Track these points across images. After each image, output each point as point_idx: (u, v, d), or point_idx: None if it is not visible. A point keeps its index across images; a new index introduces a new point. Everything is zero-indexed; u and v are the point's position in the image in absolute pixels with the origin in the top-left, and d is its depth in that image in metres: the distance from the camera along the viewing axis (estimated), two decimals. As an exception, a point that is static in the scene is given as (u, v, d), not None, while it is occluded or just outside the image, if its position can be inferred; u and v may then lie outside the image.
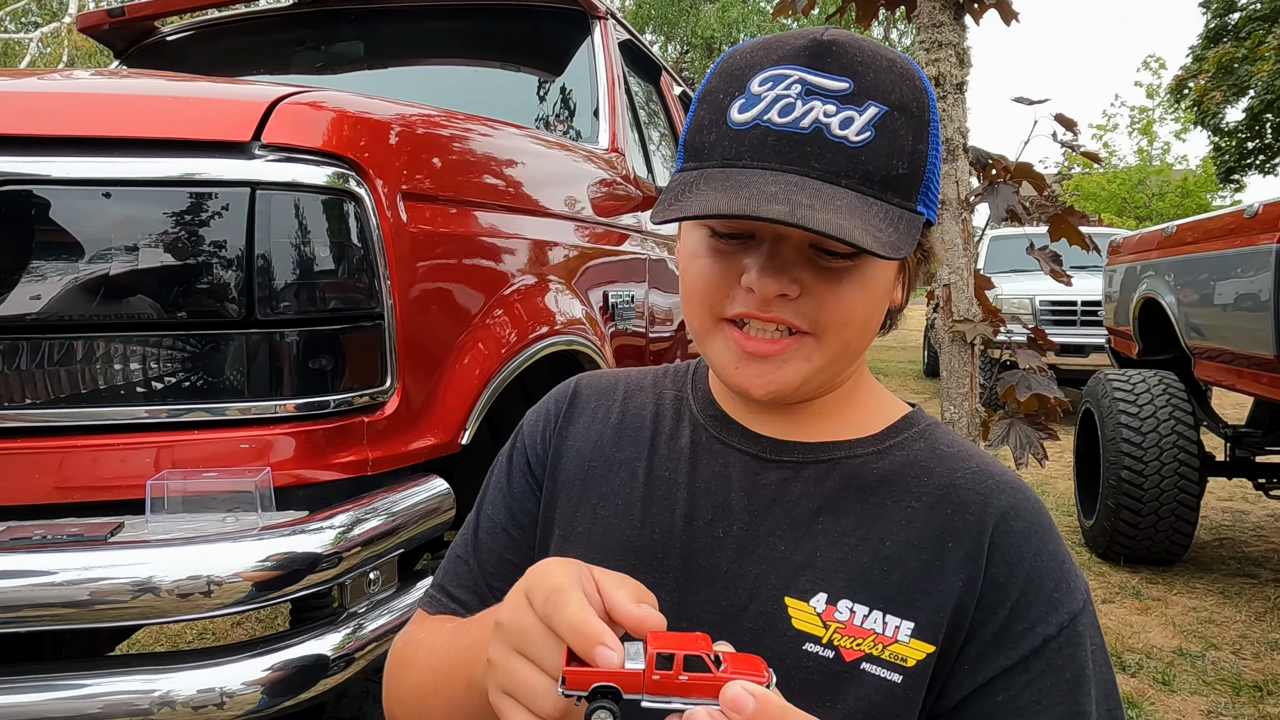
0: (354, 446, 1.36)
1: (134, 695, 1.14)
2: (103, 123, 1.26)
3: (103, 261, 1.22)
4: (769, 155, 0.66)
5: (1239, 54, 19.38)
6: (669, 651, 0.52)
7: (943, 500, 0.73)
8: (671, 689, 0.52)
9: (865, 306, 0.71)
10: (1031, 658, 0.68)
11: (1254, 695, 3.11)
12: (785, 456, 0.77)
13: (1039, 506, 0.74)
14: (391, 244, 1.40)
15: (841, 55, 0.67)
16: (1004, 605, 0.69)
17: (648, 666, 0.52)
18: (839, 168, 0.65)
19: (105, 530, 1.17)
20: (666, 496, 0.79)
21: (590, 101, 2.76)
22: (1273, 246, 3.53)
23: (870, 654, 0.69)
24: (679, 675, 0.52)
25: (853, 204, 0.64)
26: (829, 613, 0.70)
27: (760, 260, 0.68)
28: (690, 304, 0.75)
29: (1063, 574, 0.71)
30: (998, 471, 0.76)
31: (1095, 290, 7.29)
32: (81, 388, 1.23)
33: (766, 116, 0.66)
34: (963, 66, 2.10)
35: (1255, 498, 5.58)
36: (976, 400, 2.10)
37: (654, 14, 25.02)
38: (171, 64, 3.01)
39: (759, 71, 0.67)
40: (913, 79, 0.69)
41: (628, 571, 0.75)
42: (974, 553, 0.70)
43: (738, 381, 0.72)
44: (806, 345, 0.70)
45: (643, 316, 2.60)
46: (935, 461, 0.76)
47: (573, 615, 0.54)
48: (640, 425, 0.85)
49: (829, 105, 0.65)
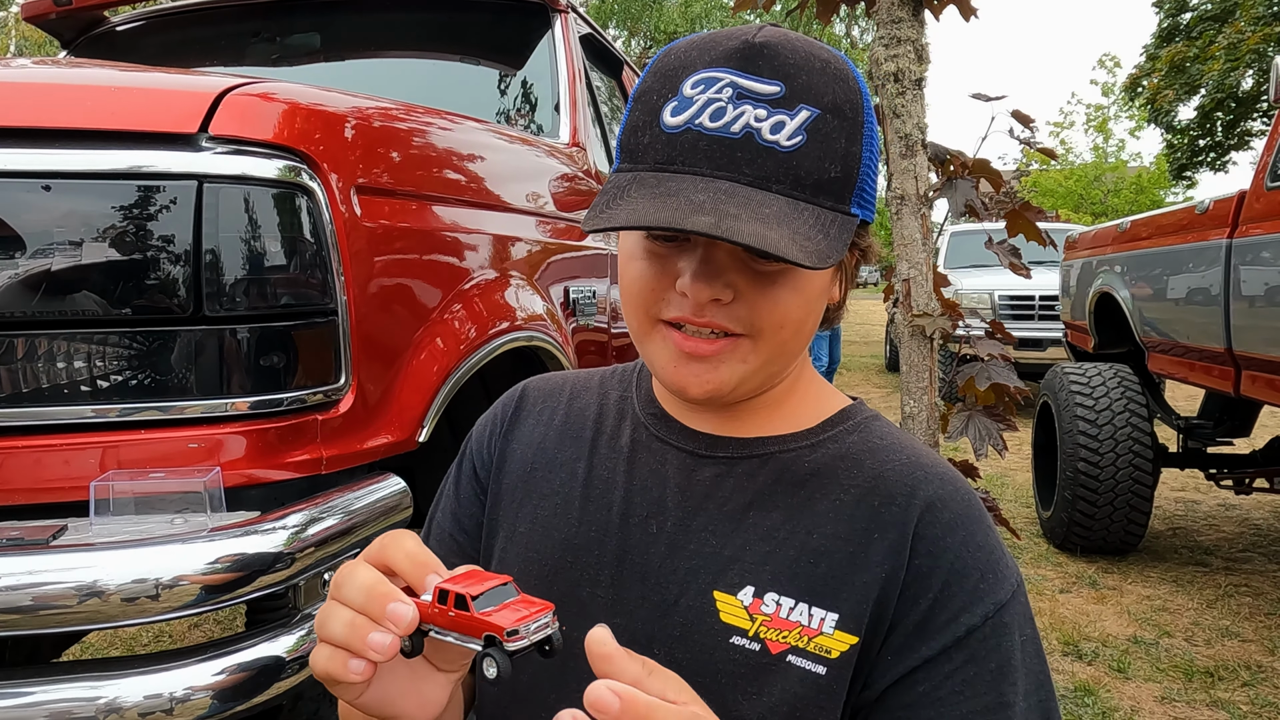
0: (307, 445, 1.33)
1: (79, 703, 1.11)
2: (43, 113, 1.22)
3: (45, 257, 1.18)
4: (700, 161, 0.66)
5: (1190, 53, 19.79)
6: (446, 589, 0.58)
7: (870, 492, 0.74)
8: (443, 621, 0.58)
9: (799, 309, 0.71)
10: (954, 647, 0.68)
11: (1205, 680, 3.18)
12: (720, 452, 0.78)
13: (968, 496, 0.75)
14: (345, 238, 1.38)
15: (773, 58, 0.66)
16: (926, 595, 0.69)
17: (432, 599, 0.58)
18: (770, 173, 0.65)
19: (47, 533, 1.14)
20: (604, 495, 0.80)
21: (551, 96, 2.73)
22: (1223, 242, 3.61)
23: (796, 646, 0.69)
24: (449, 611, 0.57)
25: (782, 211, 0.64)
26: (755, 605, 0.71)
27: (693, 265, 0.68)
28: (628, 306, 0.75)
29: (990, 564, 0.71)
30: (929, 463, 0.76)
31: (1053, 285, 7.41)
32: (23, 386, 1.19)
33: (698, 121, 0.66)
34: (921, 62, 2.11)
35: (1207, 488, 5.71)
36: (936, 394, 2.12)
37: (617, 8, 24.99)
38: (121, 55, 2.94)
39: (691, 73, 0.67)
40: (846, 79, 0.69)
41: (565, 568, 0.77)
42: (898, 543, 0.71)
43: (675, 381, 0.72)
44: (742, 347, 0.71)
45: (604, 312, 2.59)
46: (867, 454, 0.77)
47: (361, 579, 0.59)
48: (583, 425, 0.86)
49: (760, 109, 0.65)
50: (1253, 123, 20.14)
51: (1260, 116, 19.52)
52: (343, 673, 0.58)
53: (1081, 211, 23.92)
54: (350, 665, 0.58)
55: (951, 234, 10.23)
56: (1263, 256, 3.33)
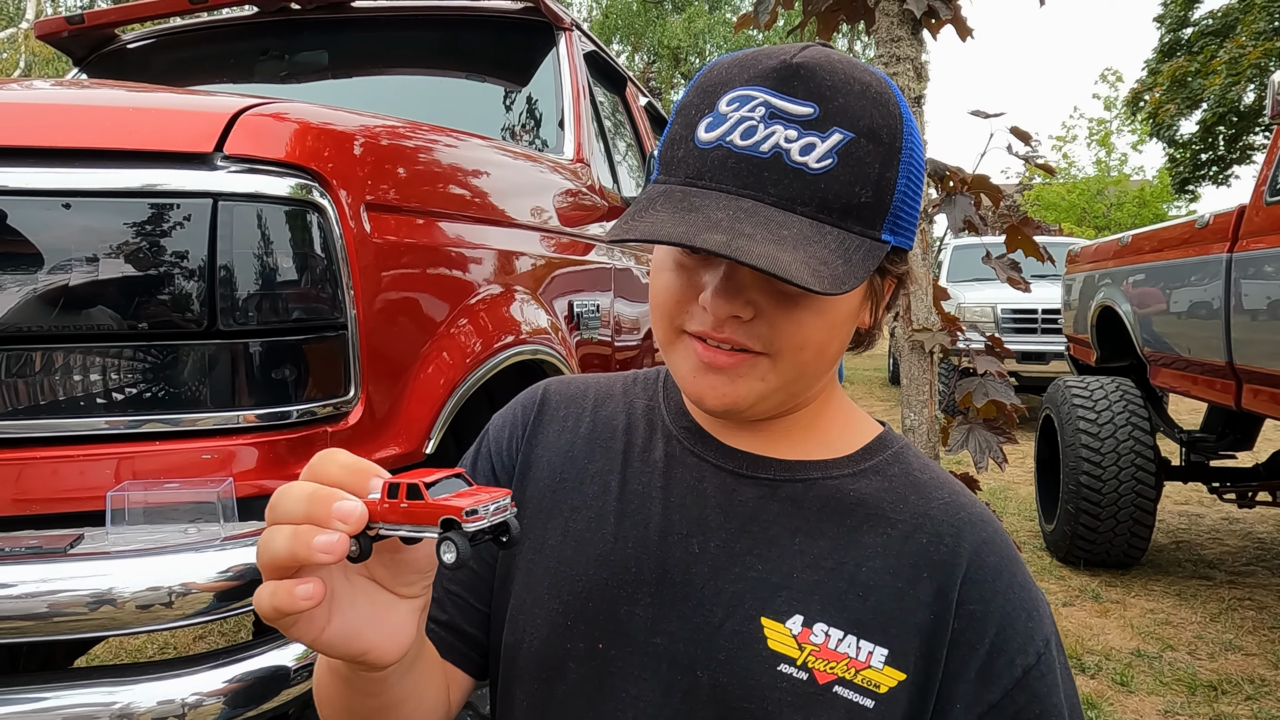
0: (318, 456, 1.36)
1: (93, 708, 1.13)
2: (64, 133, 1.26)
3: (63, 272, 1.21)
4: (727, 178, 0.66)
5: (1192, 68, 19.88)
6: (396, 482, 0.55)
7: (917, 530, 0.74)
8: (395, 516, 0.55)
9: (821, 332, 0.71)
10: (1015, 689, 0.70)
11: (1209, 694, 3.18)
12: (761, 474, 0.78)
13: (1006, 538, 0.77)
14: (355, 254, 1.41)
15: (809, 79, 0.66)
16: (983, 641, 0.71)
17: (381, 496, 0.55)
18: (795, 194, 0.65)
19: (65, 542, 1.16)
20: (640, 510, 0.79)
21: (555, 112, 2.77)
22: (1223, 256, 3.63)
23: (843, 677, 0.69)
24: (401, 502, 0.54)
25: (803, 233, 0.64)
26: (804, 634, 0.71)
27: (716, 281, 0.68)
28: (655, 315, 0.76)
29: (1033, 603, 0.73)
30: (968, 503, 0.77)
31: (1055, 299, 7.43)
32: (42, 399, 1.22)
33: (729, 138, 0.66)
34: (920, 80, 2.14)
35: (1210, 501, 5.71)
36: (936, 407, 2.14)
37: (620, 24, 25.14)
38: (132, 72, 2.98)
39: (729, 90, 0.68)
40: (886, 104, 0.68)
41: (600, 585, 0.76)
42: (946, 586, 0.72)
43: (694, 391, 0.73)
44: (761, 365, 0.71)
45: (608, 325, 2.62)
46: (910, 489, 0.77)
47: (340, 464, 0.57)
48: (612, 436, 0.85)
49: (791, 130, 0.65)
50: (1254, 137, 20.19)
51: (1262, 131, 19.56)
52: (291, 601, 0.53)
53: (1084, 225, 23.94)
54: (298, 591, 0.53)
55: (954, 247, 10.26)
56: (1264, 270, 3.35)
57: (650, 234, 0.64)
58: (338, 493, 0.55)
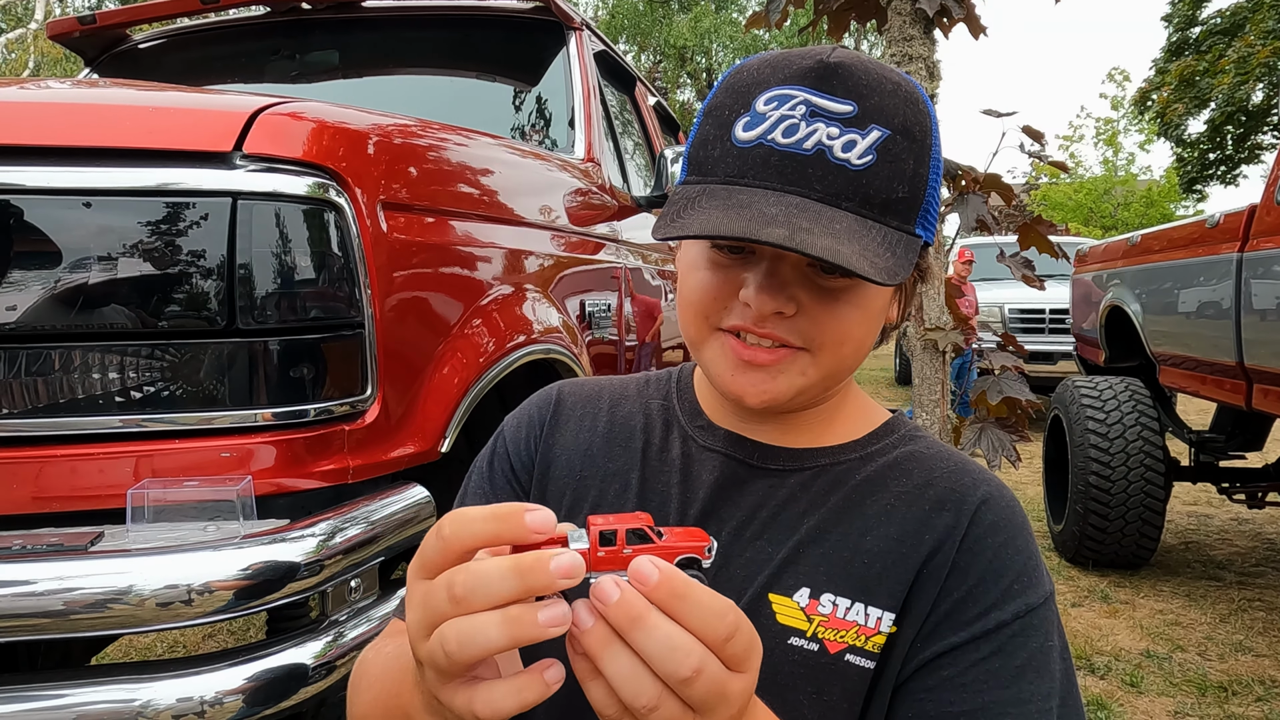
0: (335, 455, 1.36)
1: (113, 705, 1.14)
2: (84, 133, 1.26)
3: (83, 271, 1.22)
4: (771, 175, 0.67)
5: (1200, 67, 19.81)
6: (611, 528, 0.51)
7: (920, 497, 0.75)
8: (618, 564, 0.50)
9: (860, 325, 0.72)
10: (982, 639, 0.69)
11: (1219, 695, 3.17)
12: (772, 464, 0.79)
13: (1013, 504, 0.76)
14: (371, 253, 1.41)
15: (847, 78, 0.68)
16: (961, 587, 0.71)
17: (592, 545, 0.51)
18: (840, 190, 0.66)
19: (85, 540, 1.17)
20: (659, 508, 0.80)
21: (566, 111, 2.77)
22: (1233, 256, 3.62)
23: (854, 645, 0.70)
24: (623, 549, 0.50)
25: (851, 227, 0.65)
26: (812, 606, 0.72)
27: (759, 278, 0.69)
28: (687, 313, 0.76)
29: (1026, 569, 0.72)
30: (975, 469, 0.78)
31: (1063, 298, 7.41)
32: (61, 397, 1.23)
33: (770, 136, 0.67)
34: (932, 79, 2.14)
35: (1219, 502, 5.69)
36: (948, 406, 2.14)
37: (627, 24, 25.14)
38: (144, 72, 2.99)
39: (765, 90, 0.68)
40: (916, 103, 0.70)
41: None
42: (947, 543, 0.72)
43: (733, 389, 0.73)
44: (801, 360, 0.72)
45: (619, 325, 2.62)
46: (914, 462, 0.78)
47: (482, 518, 0.50)
48: (630, 435, 0.86)
49: (832, 128, 0.66)
50: (1263, 136, 20.13)
51: (1271, 130, 19.51)
52: (542, 691, 0.50)
53: (1091, 225, 23.88)
54: (547, 676, 0.50)
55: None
56: (1274, 270, 3.33)
57: (708, 229, 0.64)
58: (543, 553, 0.48)
